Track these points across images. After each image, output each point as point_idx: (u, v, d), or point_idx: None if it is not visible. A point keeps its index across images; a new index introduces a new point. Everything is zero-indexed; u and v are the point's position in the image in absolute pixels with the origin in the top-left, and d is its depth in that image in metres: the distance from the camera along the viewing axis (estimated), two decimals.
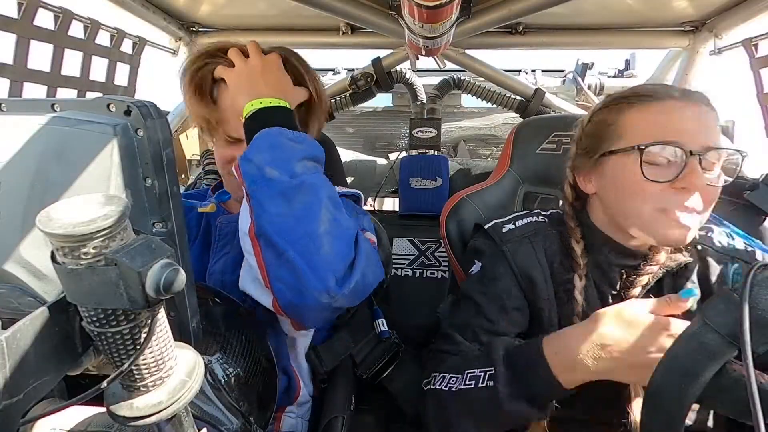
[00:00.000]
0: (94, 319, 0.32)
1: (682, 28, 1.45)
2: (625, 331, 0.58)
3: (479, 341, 0.76)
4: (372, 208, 2.05)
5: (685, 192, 0.66)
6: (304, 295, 0.61)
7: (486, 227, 0.86)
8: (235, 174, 0.67)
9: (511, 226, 0.83)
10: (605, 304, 0.74)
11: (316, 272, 0.60)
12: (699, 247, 0.78)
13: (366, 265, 0.66)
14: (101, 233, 0.29)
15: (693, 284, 0.76)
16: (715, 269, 0.77)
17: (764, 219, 0.95)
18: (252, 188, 0.63)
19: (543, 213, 0.87)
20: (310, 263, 0.60)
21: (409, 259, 1.58)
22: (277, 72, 0.76)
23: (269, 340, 0.75)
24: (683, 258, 0.75)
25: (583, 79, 2.01)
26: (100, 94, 1.26)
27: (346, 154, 1.96)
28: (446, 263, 1.56)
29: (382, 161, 1.95)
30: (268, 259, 0.62)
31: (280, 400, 0.83)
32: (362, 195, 0.95)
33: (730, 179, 0.70)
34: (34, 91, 1.09)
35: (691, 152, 0.65)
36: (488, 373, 0.65)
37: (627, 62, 2.18)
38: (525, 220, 0.85)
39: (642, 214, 0.69)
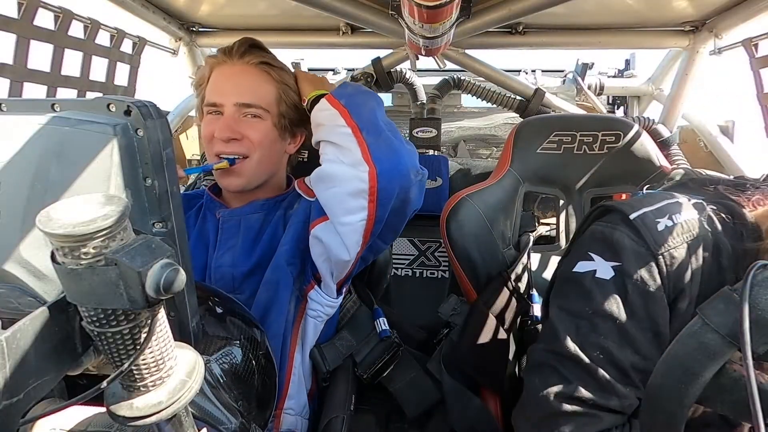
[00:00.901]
0: (94, 319, 0.32)
1: (682, 28, 1.45)
2: None
3: (633, 384, 0.57)
4: None
5: None
6: (399, 162, 0.78)
7: (632, 217, 0.60)
8: (327, 107, 0.83)
9: (669, 223, 0.59)
10: None
11: (405, 149, 0.81)
12: None
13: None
14: (101, 233, 0.29)
15: None
16: None
17: None
18: (350, 101, 0.82)
19: (698, 197, 0.63)
20: (402, 142, 0.82)
21: (409, 259, 1.58)
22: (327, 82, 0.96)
23: (269, 339, 0.75)
24: None
25: (583, 79, 2.01)
26: (100, 94, 1.26)
27: None
28: (446, 263, 1.56)
29: None
30: (369, 140, 0.78)
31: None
32: None
33: None
34: (34, 91, 1.09)
35: None
36: None
37: (627, 62, 2.18)
38: (684, 215, 0.60)
39: None
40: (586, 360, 0.57)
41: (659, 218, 0.60)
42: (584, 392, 0.57)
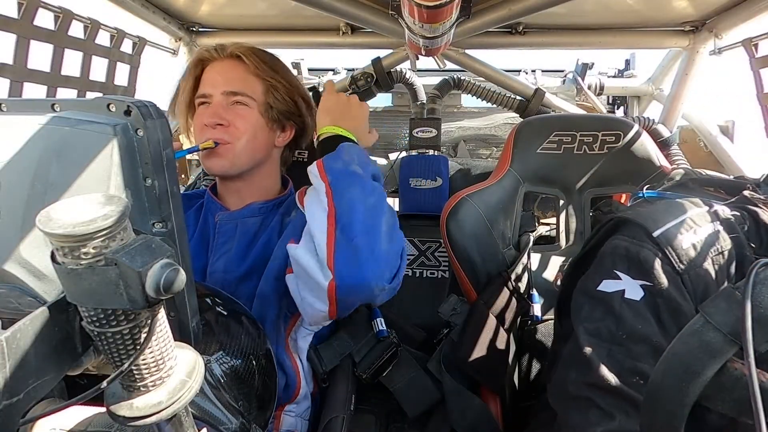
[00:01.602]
0: (94, 319, 0.32)
1: (682, 28, 1.45)
2: None
3: None
4: None
5: None
6: (360, 281, 0.70)
7: (656, 235, 0.58)
8: (316, 174, 0.79)
9: (693, 239, 0.57)
10: None
11: (376, 262, 0.71)
12: None
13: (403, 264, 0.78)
14: (101, 233, 0.29)
15: None
16: None
17: None
18: (337, 179, 0.76)
19: (719, 203, 0.61)
20: (372, 252, 0.71)
21: (409, 259, 1.57)
22: (363, 116, 0.92)
23: (269, 339, 0.75)
24: None
25: (583, 79, 2.00)
26: (100, 94, 1.26)
27: None
28: (446, 263, 1.56)
29: (382, 161, 1.94)
30: (338, 241, 0.70)
31: (279, 398, 0.84)
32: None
33: None
34: (34, 91, 1.09)
35: None
36: None
37: (627, 62, 2.18)
38: (706, 227, 0.58)
39: None
40: (626, 390, 0.55)
41: (683, 234, 0.57)
42: (629, 425, 0.54)
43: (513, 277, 1.03)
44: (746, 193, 0.63)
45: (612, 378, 0.55)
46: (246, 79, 0.87)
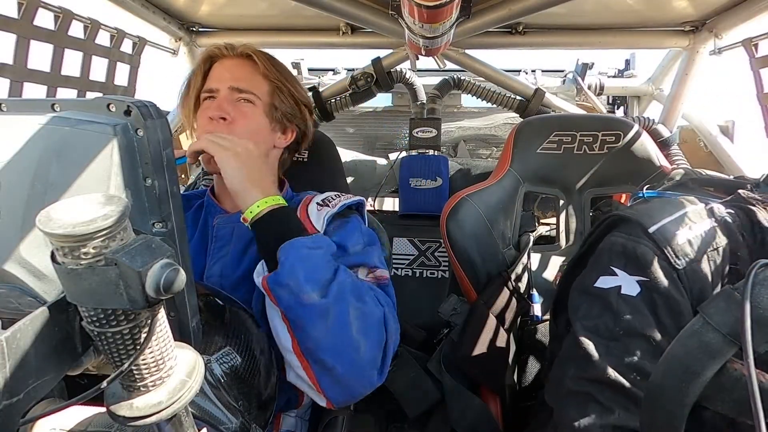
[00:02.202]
0: (94, 319, 0.32)
1: (682, 28, 1.45)
2: None
3: None
4: (372, 208, 2.05)
5: None
6: (353, 393, 0.71)
7: (652, 231, 0.59)
8: (263, 290, 0.70)
9: (689, 234, 0.58)
10: None
11: (361, 375, 0.70)
12: None
13: (395, 337, 0.74)
14: (101, 233, 0.29)
15: None
16: None
17: None
18: (290, 313, 0.67)
19: (716, 200, 0.63)
20: (355, 370, 0.69)
21: (409, 259, 1.58)
22: (258, 159, 0.77)
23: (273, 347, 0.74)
24: None
25: (583, 79, 2.01)
26: (100, 94, 1.26)
27: (346, 154, 1.95)
28: (446, 263, 1.56)
29: (382, 161, 1.94)
30: (317, 372, 0.68)
31: (283, 405, 0.83)
32: (364, 201, 0.94)
33: None
34: (34, 91, 1.09)
35: None
36: None
37: (627, 62, 2.18)
38: (706, 224, 0.59)
39: None
40: (626, 385, 0.55)
41: (679, 230, 0.58)
42: (628, 420, 0.54)
43: (513, 277, 1.03)
44: (742, 192, 0.63)
45: (611, 373, 0.55)
46: (254, 78, 0.88)
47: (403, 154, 1.76)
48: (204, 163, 0.86)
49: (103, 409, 0.37)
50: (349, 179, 1.84)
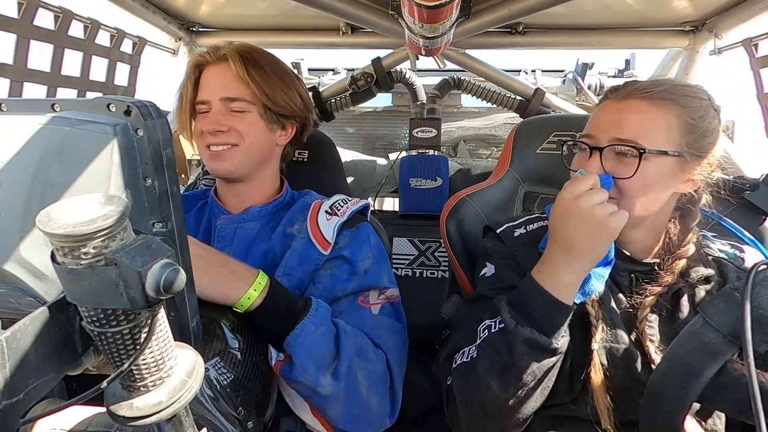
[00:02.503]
0: (94, 319, 0.32)
1: (682, 28, 1.45)
2: (573, 222, 0.65)
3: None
4: (372, 208, 2.05)
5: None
6: None
7: (498, 231, 0.86)
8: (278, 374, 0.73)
9: (522, 231, 0.84)
10: (621, 308, 0.75)
11: (375, 427, 0.75)
12: (710, 257, 0.78)
13: (400, 370, 0.79)
14: (101, 233, 0.29)
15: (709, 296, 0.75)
16: (732, 282, 0.75)
17: (764, 219, 0.95)
18: (307, 398, 0.73)
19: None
20: (370, 426, 0.75)
21: (409, 259, 1.58)
22: (216, 256, 0.70)
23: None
24: (705, 271, 0.75)
25: (583, 79, 2.01)
26: (100, 94, 1.26)
27: (346, 154, 1.96)
28: (446, 263, 1.56)
29: (382, 161, 1.94)
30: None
31: (284, 412, 0.83)
32: (370, 204, 0.94)
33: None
34: (34, 91, 1.09)
35: (595, 147, 0.71)
36: (497, 319, 0.68)
37: (627, 62, 2.18)
38: (536, 224, 0.85)
39: None
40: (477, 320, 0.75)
41: (516, 228, 0.85)
42: (471, 343, 0.73)
43: None
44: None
45: (476, 318, 0.75)
46: (240, 82, 0.86)
47: (403, 154, 1.76)
48: (207, 162, 0.87)
49: (103, 409, 0.37)
50: (349, 179, 1.84)
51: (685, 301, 0.74)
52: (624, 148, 0.68)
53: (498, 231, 0.86)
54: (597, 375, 0.70)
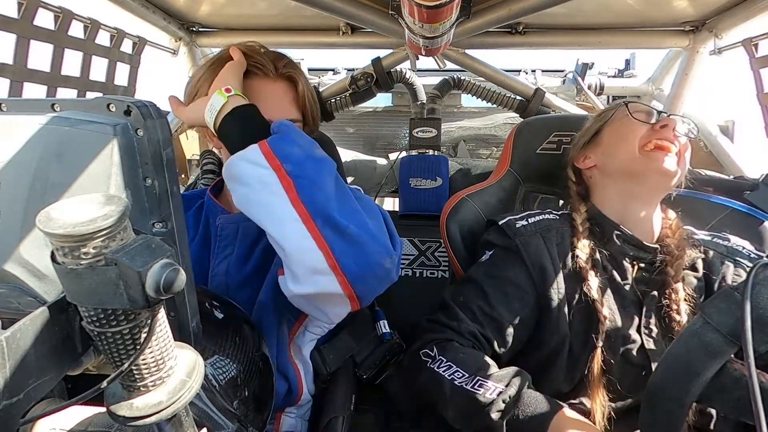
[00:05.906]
0: (94, 319, 0.32)
1: (682, 28, 1.45)
2: None
3: (478, 322, 0.83)
4: None
5: (664, 130, 0.82)
6: (370, 263, 0.64)
7: (500, 223, 0.90)
8: (264, 157, 0.64)
9: (525, 222, 0.89)
10: (620, 295, 0.82)
11: (374, 238, 0.65)
12: (695, 241, 0.86)
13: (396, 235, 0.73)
14: (101, 233, 0.29)
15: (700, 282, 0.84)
16: (717, 268, 0.83)
17: (764, 220, 0.95)
18: (299, 170, 0.63)
19: (555, 212, 0.91)
20: (368, 232, 0.65)
21: (409, 259, 1.58)
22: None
23: (269, 343, 0.75)
24: (695, 253, 0.83)
25: (583, 79, 2.00)
26: (100, 94, 1.26)
27: (346, 154, 1.95)
28: (446, 263, 1.56)
29: (382, 161, 1.94)
30: (330, 238, 0.62)
31: (282, 402, 0.83)
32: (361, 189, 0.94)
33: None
34: (34, 91, 1.09)
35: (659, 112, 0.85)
36: (499, 394, 0.69)
37: (627, 62, 2.18)
38: (538, 217, 0.89)
39: (634, 152, 0.83)
40: (461, 301, 0.87)
41: (519, 221, 0.89)
42: (460, 320, 0.84)
43: None
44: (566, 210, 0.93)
45: (462, 299, 0.87)
46: (296, 105, 0.85)
47: (403, 154, 1.76)
48: (209, 138, 0.87)
49: (103, 409, 0.37)
50: (350, 179, 1.84)
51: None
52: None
53: (500, 222, 0.90)
54: (597, 364, 0.76)
